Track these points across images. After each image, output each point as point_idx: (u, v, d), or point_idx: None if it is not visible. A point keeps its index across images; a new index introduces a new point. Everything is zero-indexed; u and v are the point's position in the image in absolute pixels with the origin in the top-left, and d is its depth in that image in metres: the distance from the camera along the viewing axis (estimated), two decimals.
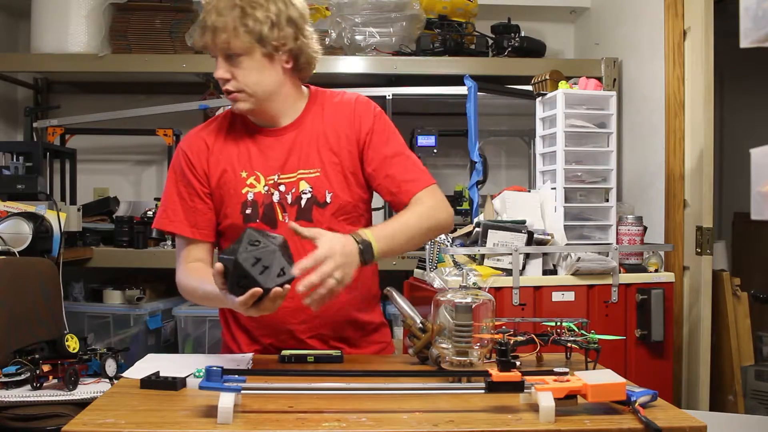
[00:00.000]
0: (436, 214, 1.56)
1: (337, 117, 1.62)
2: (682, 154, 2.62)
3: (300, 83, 1.64)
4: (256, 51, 1.50)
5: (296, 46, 1.55)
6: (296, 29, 1.54)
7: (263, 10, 1.48)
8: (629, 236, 2.48)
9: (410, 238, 1.52)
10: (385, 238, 1.46)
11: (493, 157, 3.70)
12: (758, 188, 0.94)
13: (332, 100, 1.66)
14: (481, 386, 1.13)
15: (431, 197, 1.58)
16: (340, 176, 1.58)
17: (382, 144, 1.60)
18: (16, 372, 1.91)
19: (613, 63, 3.10)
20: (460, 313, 1.30)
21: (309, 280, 1.30)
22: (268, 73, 1.54)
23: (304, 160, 1.58)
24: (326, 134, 1.60)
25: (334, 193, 1.57)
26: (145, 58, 3.24)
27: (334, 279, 1.32)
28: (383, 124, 1.63)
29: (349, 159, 1.59)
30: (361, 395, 1.17)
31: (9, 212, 2.57)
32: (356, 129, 1.60)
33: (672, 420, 1.10)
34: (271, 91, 1.55)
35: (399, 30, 3.20)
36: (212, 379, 1.10)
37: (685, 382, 2.59)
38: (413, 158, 1.63)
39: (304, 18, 1.58)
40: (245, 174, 1.58)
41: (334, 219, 1.57)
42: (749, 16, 0.90)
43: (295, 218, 1.56)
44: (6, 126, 3.72)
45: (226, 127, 1.65)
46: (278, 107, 1.59)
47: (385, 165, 1.59)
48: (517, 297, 2.27)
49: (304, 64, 1.59)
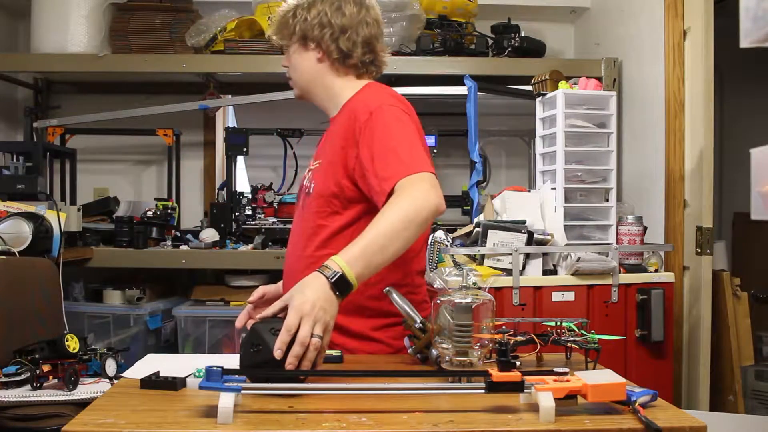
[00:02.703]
0: (409, 207, 1.41)
1: (346, 113, 1.65)
2: (682, 154, 2.62)
3: (349, 75, 1.72)
4: (293, 41, 1.71)
5: (322, 36, 1.67)
6: (328, 23, 1.67)
7: (304, 9, 1.70)
8: (629, 236, 2.48)
9: (387, 244, 1.38)
10: (358, 258, 1.33)
11: (493, 157, 3.70)
12: (758, 188, 0.94)
13: (356, 95, 1.69)
14: (481, 386, 1.13)
15: (406, 189, 1.43)
16: (328, 171, 1.61)
17: (371, 141, 1.52)
18: (16, 372, 1.91)
19: (613, 63, 3.10)
20: (460, 313, 1.30)
21: (292, 355, 1.21)
22: (303, 62, 1.71)
23: (322, 152, 1.69)
24: (339, 129, 1.64)
25: (315, 185, 1.64)
26: (145, 58, 3.24)
27: (316, 338, 1.24)
28: (377, 119, 1.54)
29: (339, 155, 1.59)
30: (361, 395, 1.17)
31: (9, 212, 2.57)
32: (351, 126, 1.59)
33: (672, 420, 1.10)
34: (308, 79, 1.72)
35: (399, 30, 3.20)
36: (212, 379, 1.10)
37: (685, 382, 2.59)
38: (400, 150, 1.50)
39: (345, 15, 1.69)
40: (311, 162, 1.75)
41: (311, 209, 1.64)
42: (749, 16, 0.90)
43: (301, 204, 1.70)
44: (6, 126, 3.72)
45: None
46: (321, 97, 1.73)
47: (373, 163, 1.50)
48: (517, 297, 2.27)
49: (337, 54, 1.68)
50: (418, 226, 1.41)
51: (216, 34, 3.23)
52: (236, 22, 3.22)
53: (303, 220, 1.66)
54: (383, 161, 1.49)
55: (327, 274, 1.30)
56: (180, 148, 3.64)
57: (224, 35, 3.21)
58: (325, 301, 1.28)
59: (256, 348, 1.23)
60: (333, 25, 1.67)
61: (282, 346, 1.22)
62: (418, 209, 1.41)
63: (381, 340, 1.62)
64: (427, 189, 1.44)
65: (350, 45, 1.68)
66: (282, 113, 3.59)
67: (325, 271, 1.31)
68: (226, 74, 3.47)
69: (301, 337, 1.22)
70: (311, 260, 1.56)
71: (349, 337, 1.60)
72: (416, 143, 1.53)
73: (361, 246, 1.36)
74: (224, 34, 3.22)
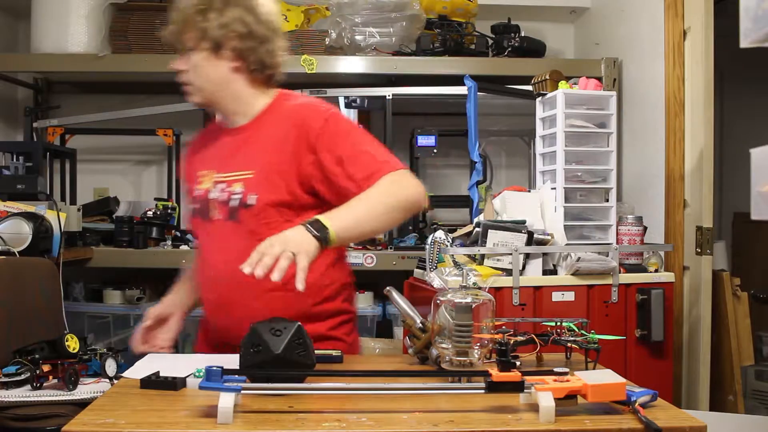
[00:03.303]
0: (398, 190, 1.50)
1: (286, 121, 1.60)
2: (682, 154, 2.62)
3: (260, 85, 1.64)
4: (202, 47, 1.59)
5: (242, 47, 1.58)
6: (248, 32, 1.57)
7: (216, 11, 1.57)
8: (629, 236, 2.48)
9: (370, 210, 1.47)
10: (338, 212, 1.44)
11: (493, 157, 3.70)
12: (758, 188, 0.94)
13: (289, 103, 1.65)
14: (481, 386, 1.13)
15: (392, 179, 1.51)
16: (269, 178, 1.56)
17: (336, 145, 1.55)
18: (16, 372, 1.91)
19: (613, 63, 3.10)
20: (460, 313, 1.30)
21: (261, 266, 1.28)
22: (213, 70, 1.60)
23: (245, 161, 1.60)
24: (273, 137, 1.59)
25: (259, 195, 1.56)
26: (145, 58, 3.23)
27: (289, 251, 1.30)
28: (335, 125, 1.57)
29: (289, 163, 1.56)
30: (361, 395, 1.17)
31: (9, 212, 2.57)
32: (304, 133, 1.56)
33: (672, 420, 1.10)
34: (216, 87, 1.62)
35: (399, 30, 3.20)
36: (212, 379, 1.10)
37: (685, 382, 2.59)
38: (373, 151, 1.56)
39: (263, 23, 1.60)
40: (203, 172, 1.66)
41: (257, 221, 1.56)
42: (749, 16, 0.90)
43: (225, 217, 1.59)
44: (6, 126, 3.72)
45: (210, 128, 1.77)
46: (229, 106, 1.64)
47: (343, 166, 1.53)
48: (517, 297, 2.27)
49: (255, 66, 1.60)
50: (401, 214, 1.52)
51: None
52: None
53: (241, 235, 1.56)
54: (356, 164, 1.53)
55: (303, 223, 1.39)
56: (180, 148, 3.64)
57: None
58: (301, 235, 1.36)
59: (256, 348, 1.23)
60: (254, 36, 1.58)
61: (250, 264, 1.29)
62: (410, 200, 1.51)
63: (337, 337, 1.66)
64: (417, 183, 1.54)
65: (270, 57, 1.62)
66: None
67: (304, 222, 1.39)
68: None
69: (271, 251, 1.30)
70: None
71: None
72: (380, 144, 1.60)
73: (345, 206, 1.45)
74: None
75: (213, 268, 1.62)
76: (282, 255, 1.30)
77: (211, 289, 1.65)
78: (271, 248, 1.31)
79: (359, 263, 2.99)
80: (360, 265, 2.99)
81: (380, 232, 1.58)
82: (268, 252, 1.30)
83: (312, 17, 3.35)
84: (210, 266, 1.63)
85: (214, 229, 1.62)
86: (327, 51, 3.20)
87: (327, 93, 3.24)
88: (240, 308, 1.57)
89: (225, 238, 1.59)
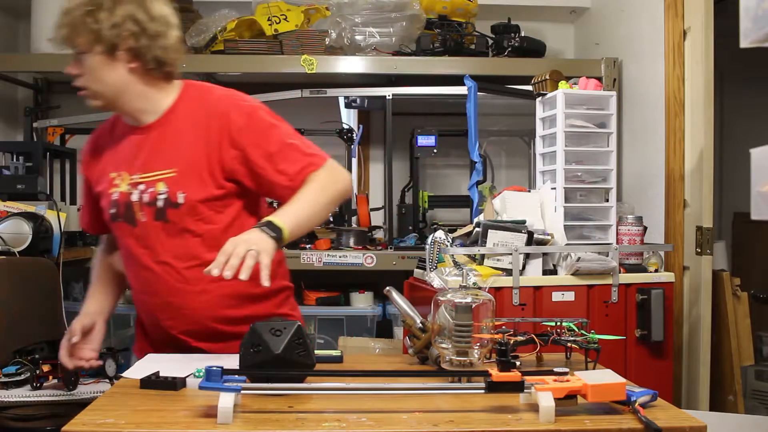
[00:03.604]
0: (334, 185, 1.59)
1: (204, 115, 1.58)
2: (682, 154, 2.62)
3: (160, 81, 1.60)
4: (96, 49, 1.52)
5: (139, 46, 1.53)
6: (141, 30, 1.53)
7: (107, 11, 1.51)
8: (629, 236, 2.48)
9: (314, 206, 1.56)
10: (287, 212, 1.51)
11: (493, 157, 3.70)
12: (758, 188, 0.94)
13: (202, 97, 1.63)
14: (481, 386, 1.13)
15: (323, 171, 1.58)
16: (196, 176, 1.55)
17: (263, 141, 1.57)
18: (16, 372, 1.91)
19: (613, 63, 3.10)
20: (460, 313, 1.30)
21: (228, 267, 1.35)
22: (110, 72, 1.55)
23: (163, 160, 1.58)
24: (189, 133, 1.58)
25: (187, 193, 1.55)
26: None
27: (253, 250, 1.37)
28: (259, 120, 1.59)
29: (209, 159, 1.56)
30: (361, 395, 1.17)
31: (9, 212, 2.57)
32: (225, 128, 1.56)
33: (672, 420, 1.10)
34: (115, 89, 1.56)
35: (399, 30, 3.20)
36: (212, 379, 1.10)
37: (685, 382, 2.59)
38: (299, 144, 1.60)
39: (156, 19, 1.56)
40: (114, 174, 1.62)
41: (189, 218, 1.56)
42: (749, 16, 0.90)
43: (153, 218, 1.57)
44: (6, 126, 3.72)
45: (109, 128, 1.71)
46: (133, 106, 1.59)
47: (272, 161, 1.56)
48: (517, 297, 2.27)
49: (153, 64, 1.56)
50: (337, 203, 1.64)
51: (216, 34, 3.22)
52: (236, 22, 3.22)
53: (173, 234, 1.57)
54: (286, 159, 1.57)
55: (255, 226, 1.46)
56: None
57: (224, 35, 3.21)
58: (259, 236, 1.43)
59: (256, 348, 1.23)
60: (148, 33, 1.54)
61: (218, 266, 1.35)
62: (341, 192, 1.62)
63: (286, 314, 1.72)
64: (346, 172, 1.65)
65: (166, 53, 1.57)
66: (282, 113, 3.56)
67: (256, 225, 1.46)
68: (226, 74, 3.46)
69: (237, 252, 1.36)
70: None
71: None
72: (300, 134, 1.66)
73: (289, 207, 1.53)
74: (224, 34, 3.21)
75: (148, 270, 1.60)
76: (248, 255, 1.37)
77: (150, 292, 1.62)
78: (236, 249, 1.37)
79: (359, 263, 2.99)
80: (360, 265, 2.99)
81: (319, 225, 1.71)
82: (235, 253, 1.37)
83: (312, 17, 3.35)
84: (145, 268, 1.61)
85: (141, 231, 1.59)
86: (327, 51, 3.20)
87: (327, 93, 3.24)
88: (187, 303, 1.58)
89: (156, 239, 1.58)
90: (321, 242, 3.09)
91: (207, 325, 1.60)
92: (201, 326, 1.61)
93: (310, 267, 2.98)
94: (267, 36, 3.19)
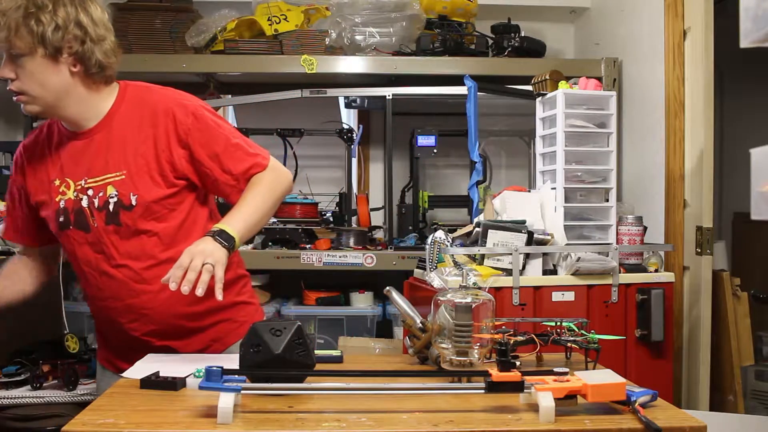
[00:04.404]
0: (278, 185, 1.63)
1: (149, 115, 1.58)
2: (682, 154, 2.62)
3: (100, 85, 1.59)
4: (38, 52, 1.48)
5: (83, 50, 1.51)
6: (84, 34, 1.51)
7: (48, 13, 1.47)
8: (629, 236, 2.48)
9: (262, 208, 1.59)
10: (236, 218, 1.53)
11: (493, 157, 3.70)
12: (758, 188, 0.94)
13: (143, 97, 1.62)
14: (481, 386, 1.13)
15: (268, 172, 1.63)
16: (147, 177, 1.56)
17: (208, 141, 1.59)
18: (16, 372, 1.92)
19: (613, 63, 3.10)
20: (460, 313, 1.30)
21: (186, 281, 1.37)
22: (52, 76, 1.51)
23: (110, 163, 1.57)
24: (134, 134, 1.58)
25: (139, 195, 1.55)
26: (145, 58, 3.23)
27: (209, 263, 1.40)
28: (203, 119, 1.60)
29: (159, 159, 1.56)
30: (361, 395, 1.17)
31: None
32: (172, 127, 1.57)
33: (672, 420, 1.10)
34: (57, 94, 1.53)
35: (399, 30, 3.20)
36: (212, 379, 1.11)
37: (685, 382, 2.59)
38: (243, 143, 1.63)
39: (97, 23, 1.54)
40: (58, 182, 1.60)
41: (143, 220, 1.57)
42: (749, 16, 0.90)
43: (104, 223, 1.56)
44: (6, 126, 3.72)
45: (44, 134, 1.67)
46: (74, 110, 1.57)
47: (218, 161, 1.59)
48: (517, 297, 2.27)
49: (96, 69, 1.55)
50: (280, 201, 1.66)
51: (216, 34, 3.23)
52: (236, 22, 3.22)
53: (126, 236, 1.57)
54: (232, 158, 1.60)
55: (208, 234, 1.48)
56: None
57: (224, 35, 3.21)
58: (213, 246, 1.45)
59: (256, 348, 1.23)
60: (92, 38, 1.52)
61: (175, 279, 1.37)
62: (285, 191, 1.66)
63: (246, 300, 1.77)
64: (287, 171, 1.69)
65: (107, 57, 1.56)
66: (282, 113, 3.59)
67: (208, 233, 1.48)
68: (226, 74, 3.47)
69: (193, 265, 1.39)
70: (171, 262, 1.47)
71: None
72: (243, 135, 1.68)
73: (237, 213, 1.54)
74: (224, 34, 3.22)
75: (106, 275, 1.60)
76: (204, 269, 1.39)
77: (110, 297, 1.62)
78: (193, 262, 1.39)
79: (359, 263, 2.99)
80: (360, 265, 2.99)
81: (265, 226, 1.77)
82: (191, 267, 1.39)
83: (312, 17, 3.35)
84: (103, 274, 1.60)
85: (94, 237, 1.58)
86: (327, 51, 3.20)
87: (327, 93, 3.24)
88: (149, 303, 1.59)
89: (110, 243, 1.57)
90: (321, 242, 3.09)
91: (170, 323, 1.62)
92: (164, 325, 1.62)
93: (310, 267, 2.98)
94: (267, 36, 3.20)
